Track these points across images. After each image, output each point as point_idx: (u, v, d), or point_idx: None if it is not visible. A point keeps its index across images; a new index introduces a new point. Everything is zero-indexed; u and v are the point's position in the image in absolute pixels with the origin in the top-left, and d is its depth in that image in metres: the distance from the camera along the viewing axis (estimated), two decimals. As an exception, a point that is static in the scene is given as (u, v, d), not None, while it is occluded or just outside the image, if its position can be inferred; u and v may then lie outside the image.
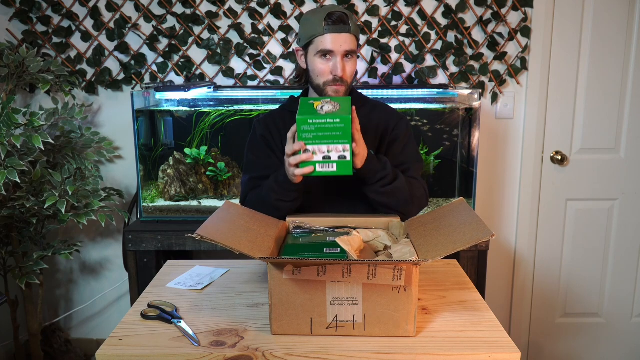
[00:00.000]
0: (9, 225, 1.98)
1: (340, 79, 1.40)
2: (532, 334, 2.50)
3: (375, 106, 1.55)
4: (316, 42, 1.39)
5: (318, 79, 1.43)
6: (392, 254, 1.12)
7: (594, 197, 2.36)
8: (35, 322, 2.11)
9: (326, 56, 1.40)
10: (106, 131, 2.28)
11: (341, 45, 1.38)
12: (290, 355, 0.95)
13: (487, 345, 0.98)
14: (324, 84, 1.42)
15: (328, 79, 1.41)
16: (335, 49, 1.38)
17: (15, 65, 1.99)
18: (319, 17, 1.38)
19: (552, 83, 2.26)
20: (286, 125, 1.50)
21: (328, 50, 1.38)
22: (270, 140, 1.49)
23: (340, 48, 1.38)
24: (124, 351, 0.97)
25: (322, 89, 1.43)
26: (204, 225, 1.02)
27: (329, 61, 1.40)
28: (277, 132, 1.50)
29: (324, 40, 1.38)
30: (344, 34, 1.37)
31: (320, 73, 1.42)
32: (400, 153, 1.48)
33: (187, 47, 2.21)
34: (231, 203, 1.24)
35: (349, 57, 1.41)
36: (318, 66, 1.41)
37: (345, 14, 1.38)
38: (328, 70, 1.40)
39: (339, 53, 1.38)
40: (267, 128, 1.51)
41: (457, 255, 1.18)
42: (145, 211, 2.06)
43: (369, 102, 1.55)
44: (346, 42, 1.38)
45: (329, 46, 1.38)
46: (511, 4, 2.17)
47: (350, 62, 1.42)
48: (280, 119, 1.52)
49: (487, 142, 2.30)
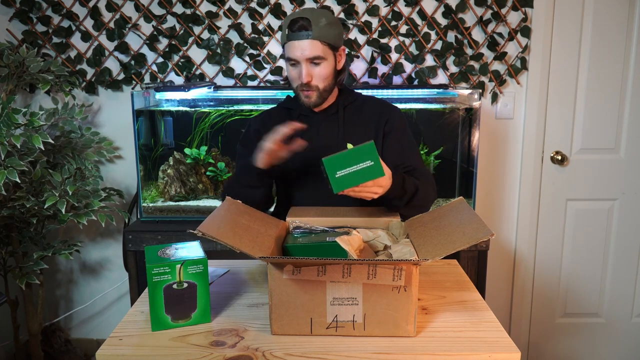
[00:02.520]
0: (9, 225, 1.98)
1: (307, 85, 1.44)
2: (532, 334, 2.50)
3: (367, 99, 1.58)
4: (285, 49, 1.45)
5: (293, 83, 1.49)
6: (392, 253, 1.12)
7: (594, 197, 2.36)
8: (35, 322, 2.11)
9: (292, 63, 1.44)
10: (106, 131, 2.27)
11: (302, 53, 1.41)
12: (290, 355, 0.95)
13: (487, 345, 0.98)
14: (296, 89, 1.48)
15: (298, 84, 1.46)
16: (297, 56, 1.42)
17: (15, 65, 1.99)
18: (285, 25, 1.42)
19: (552, 83, 2.26)
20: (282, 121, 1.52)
21: (292, 57, 1.43)
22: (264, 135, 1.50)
23: (302, 55, 1.41)
24: (124, 351, 0.97)
25: (297, 94, 1.49)
26: (205, 222, 1.01)
27: (296, 67, 1.45)
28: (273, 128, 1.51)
29: (288, 47, 1.43)
30: (305, 40, 1.39)
31: (292, 79, 1.48)
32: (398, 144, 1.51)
33: (187, 47, 2.21)
34: (232, 200, 1.24)
35: (316, 63, 1.43)
36: (290, 72, 1.48)
37: (308, 20, 1.38)
38: (297, 76, 1.45)
39: (302, 59, 1.42)
40: (263, 123, 1.54)
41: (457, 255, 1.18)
42: (145, 211, 2.06)
43: (360, 97, 1.58)
44: (308, 49, 1.40)
45: (292, 54, 1.42)
46: (511, 4, 2.17)
47: (318, 67, 1.43)
48: (277, 116, 1.55)
49: (487, 142, 2.30)
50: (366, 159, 1.15)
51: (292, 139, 1.49)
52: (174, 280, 1.02)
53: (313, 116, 1.53)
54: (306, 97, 1.47)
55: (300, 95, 1.47)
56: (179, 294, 1.03)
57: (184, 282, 1.03)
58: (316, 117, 1.53)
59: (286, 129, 1.33)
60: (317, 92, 1.46)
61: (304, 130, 1.37)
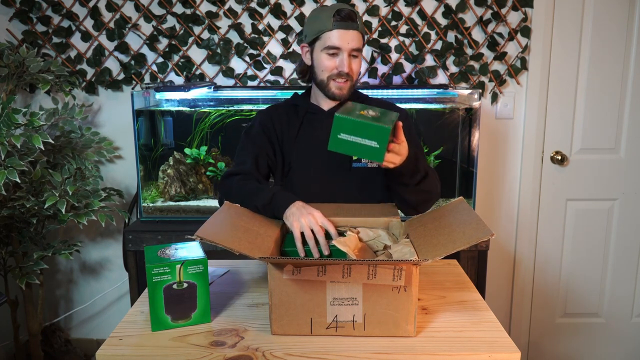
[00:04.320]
0: (9, 225, 1.98)
1: (346, 75, 1.42)
2: (532, 334, 2.50)
3: (373, 101, 1.58)
4: (323, 37, 1.41)
5: (323, 74, 1.44)
6: (392, 253, 1.12)
7: (594, 197, 2.36)
8: (35, 322, 2.11)
9: (333, 52, 1.41)
10: (106, 131, 2.27)
11: (348, 42, 1.39)
12: (290, 355, 0.95)
13: (487, 345, 0.98)
14: (327, 78, 1.44)
15: (332, 73, 1.43)
16: (342, 45, 1.40)
17: (15, 65, 1.99)
18: (327, 14, 1.40)
19: (552, 83, 2.25)
20: (289, 117, 1.53)
21: (335, 46, 1.40)
22: (271, 129, 1.51)
23: (348, 45, 1.40)
24: (124, 351, 0.97)
25: (326, 85, 1.45)
26: (204, 226, 1.02)
27: (335, 57, 1.42)
28: (279, 124, 1.52)
29: (331, 35, 1.39)
30: (352, 30, 1.39)
31: (325, 68, 1.43)
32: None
33: (187, 47, 2.20)
34: (231, 204, 1.24)
35: (354, 55, 1.43)
36: (324, 62, 1.43)
37: (354, 12, 1.41)
38: (334, 65, 1.42)
39: (346, 50, 1.40)
40: (270, 118, 1.53)
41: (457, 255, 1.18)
42: (145, 211, 2.06)
43: (368, 99, 1.58)
44: (353, 40, 1.40)
45: (336, 42, 1.39)
46: (511, 4, 2.17)
47: (356, 61, 1.44)
48: (284, 111, 1.55)
49: (487, 142, 2.30)
50: (375, 138, 1.11)
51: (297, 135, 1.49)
52: (174, 280, 1.02)
53: (320, 114, 1.52)
54: (339, 89, 1.44)
55: (332, 87, 1.44)
56: (179, 294, 1.03)
57: (184, 282, 1.03)
58: (323, 115, 1.52)
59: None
60: (351, 84, 1.45)
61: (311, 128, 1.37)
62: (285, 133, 1.51)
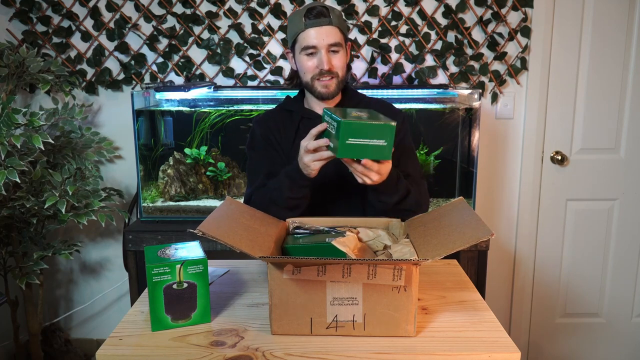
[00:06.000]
0: (9, 225, 1.98)
1: (328, 72, 1.40)
2: (532, 334, 2.50)
3: (371, 101, 1.55)
4: (300, 39, 1.40)
5: (306, 75, 1.43)
6: (392, 253, 1.12)
7: (594, 197, 2.36)
8: (35, 322, 2.11)
9: (310, 52, 1.40)
10: (106, 131, 2.27)
11: (324, 39, 1.38)
12: (290, 355, 0.95)
13: (487, 345, 0.98)
14: (311, 79, 1.42)
15: (315, 73, 1.41)
16: (317, 43, 1.38)
17: (15, 65, 1.99)
18: (299, 15, 1.39)
19: (552, 83, 2.25)
20: (285, 124, 1.51)
21: (311, 45, 1.39)
22: (272, 138, 1.50)
23: (323, 41, 1.38)
24: (124, 351, 0.97)
25: (311, 85, 1.44)
26: (206, 222, 1.01)
27: (313, 56, 1.41)
28: (277, 131, 1.50)
29: (306, 35, 1.39)
30: (326, 26, 1.38)
31: (307, 69, 1.42)
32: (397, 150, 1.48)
33: (187, 47, 2.21)
34: (232, 200, 1.24)
35: (334, 51, 1.40)
36: (304, 63, 1.42)
37: (325, 7, 1.38)
38: (314, 65, 1.41)
39: (323, 46, 1.38)
40: (268, 127, 1.51)
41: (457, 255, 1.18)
42: (145, 211, 2.06)
43: (365, 99, 1.55)
44: (329, 35, 1.38)
45: (311, 41, 1.38)
46: (511, 4, 2.17)
47: (337, 56, 1.41)
48: (279, 118, 1.52)
49: (487, 142, 2.30)
50: (382, 137, 1.12)
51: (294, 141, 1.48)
52: (174, 280, 1.02)
53: (316, 119, 1.50)
54: (324, 87, 1.42)
55: (317, 86, 1.42)
56: (178, 294, 1.03)
57: (184, 282, 1.03)
58: (319, 120, 1.51)
59: (316, 129, 1.25)
60: (337, 80, 1.42)
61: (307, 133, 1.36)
62: (283, 140, 1.49)
